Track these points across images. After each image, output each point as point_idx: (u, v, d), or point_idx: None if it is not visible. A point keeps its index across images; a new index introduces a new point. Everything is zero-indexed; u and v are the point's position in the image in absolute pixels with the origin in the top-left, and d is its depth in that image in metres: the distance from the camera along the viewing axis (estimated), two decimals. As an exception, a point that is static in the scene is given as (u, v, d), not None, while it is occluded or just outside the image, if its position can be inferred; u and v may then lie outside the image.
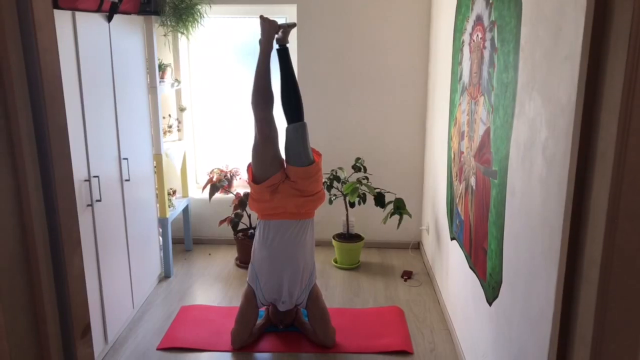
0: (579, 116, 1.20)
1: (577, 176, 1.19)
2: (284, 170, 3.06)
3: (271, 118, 3.00)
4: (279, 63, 3.11)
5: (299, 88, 3.12)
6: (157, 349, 3.08)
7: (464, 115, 2.96)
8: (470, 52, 2.86)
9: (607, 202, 1.04)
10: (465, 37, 2.97)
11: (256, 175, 3.04)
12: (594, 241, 1.11)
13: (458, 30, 3.20)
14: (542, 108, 1.80)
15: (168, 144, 4.18)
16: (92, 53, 2.79)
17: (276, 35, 3.08)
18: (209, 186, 4.35)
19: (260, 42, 3.04)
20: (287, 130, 3.05)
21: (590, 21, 1.18)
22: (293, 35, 4.44)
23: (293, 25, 3.14)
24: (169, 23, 3.94)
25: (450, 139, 3.39)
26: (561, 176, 1.61)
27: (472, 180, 2.73)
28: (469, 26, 2.90)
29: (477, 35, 2.70)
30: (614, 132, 1.04)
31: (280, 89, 3.09)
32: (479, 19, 2.67)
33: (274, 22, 3.03)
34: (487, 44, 2.50)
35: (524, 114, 1.98)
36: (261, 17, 3.04)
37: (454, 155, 3.23)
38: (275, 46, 3.11)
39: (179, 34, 4.24)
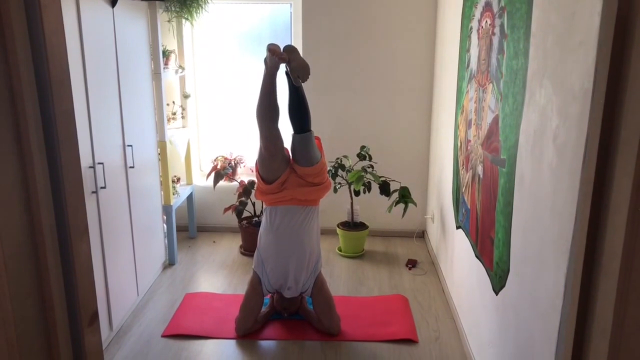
0: (601, 102, 1.17)
1: (598, 164, 1.16)
2: (291, 165, 3.04)
3: (276, 134, 2.93)
4: (288, 83, 3.00)
5: (307, 102, 3.00)
6: (162, 336, 3.08)
7: (472, 103, 2.93)
8: (478, 38, 2.82)
9: (630, 192, 1.01)
10: (474, 24, 2.93)
11: (264, 177, 3.02)
12: (615, 232, 1.09)
13: (466, 16, 3.15)
14: (553, 95, 1.77)
15: (172, 131, 4.16)
16: (96, 39, 2.76)
17: (286, 69, 2.95)
18: (213, 174, 4.34)
19: (266, 61, 2.91)
20: (294, 138, 3.01)
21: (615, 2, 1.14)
22: (298, 23, 4.40)
23: (302, 71, 2.88)
24: (173, 9, 3.90)
25: (457, 127, 3.36)
26: (573, 165, 1.59)
27: (480, 169, 2.70)
28: (477, 12, 2.86)
29: (486, 22, 2.66)
30: (639, 118, 1.00)
31: (288, 101, 3.01)
32: (487, 5, 2.63)
33: (281, 52, 2.87)
34: (497, 30, 2.46)
35: (534, 102, 1.95)
36: (269, 48, 2.88)
37: (461, 144, 3.21)
38: (284, 69, 2.98)
39: (183, 20, 4.19)
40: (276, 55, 2.82)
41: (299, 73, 2.89)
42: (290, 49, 2.94)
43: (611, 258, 1.12)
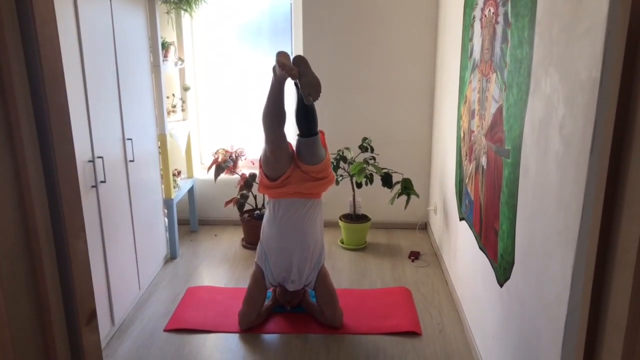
0: (615, 91, 1.13)
1: (612, 155, 1.13)
2: (295, 160, 3.01)
3: (282, 138, 2.89)
4: (296, 92, 2.94)
5: (315, 108, 2.93)
6: (164, 331, 3.07)
7: (475, 93, 2.89)
8: (481, 27, 2.78)
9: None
10: (477, 13, 2.89)
11: (268, 175, 3.00)
12: (632, 223, 1.05)
13: (468, 5, 3.11)
14: (559, 84, 1.74)
15: (172, 124, 4.13)
16: (94, 31, 2.73)
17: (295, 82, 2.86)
18: (214, 167, 4.31)
19: (275, 70, 2.83)
20: (299, 141, 2.97)
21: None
22: (298, 14, 4.35)
23: (313, 89, 2.78)
24: (171, 0, 3.85)
25: (459, 117, 3.32)
26: (580, 155, 1.56)
27: (483, 160, 2.67)
28: (480, 1, 2.81)
29: (489, 10, 2.61)
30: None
31: (295, 106, 2.95)
32: (491, -7, 2.59)
33: (291, 67, 2.77)
34: (500, 18, 2.42)
35: (539, 91, 1.91)
36: (278, 59, 2.77)
37: (464, 135, 3.17)
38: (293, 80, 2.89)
39: (182, 12, 4.15)
40: (286, 71, 2.71)
41: (309, 91, 2.76)
42: (300, 60, 2.83)
43: (627, 250, 1.09)
